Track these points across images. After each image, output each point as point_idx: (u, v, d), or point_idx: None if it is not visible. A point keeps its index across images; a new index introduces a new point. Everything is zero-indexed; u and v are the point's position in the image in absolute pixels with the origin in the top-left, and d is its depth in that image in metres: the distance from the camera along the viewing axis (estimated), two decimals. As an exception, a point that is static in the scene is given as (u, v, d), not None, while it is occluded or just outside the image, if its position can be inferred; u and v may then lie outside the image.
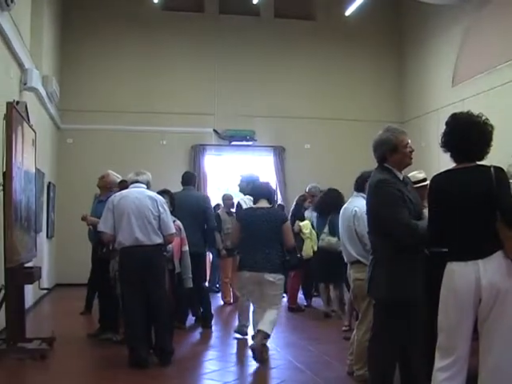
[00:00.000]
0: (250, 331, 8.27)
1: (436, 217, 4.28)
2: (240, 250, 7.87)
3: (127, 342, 6.97)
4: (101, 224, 7.12)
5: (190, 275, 8.03)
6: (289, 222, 8.12)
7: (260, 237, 7.33)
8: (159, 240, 6.97)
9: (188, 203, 8.95)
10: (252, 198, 8.43)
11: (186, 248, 8.35)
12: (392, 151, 4.82)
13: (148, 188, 7.31)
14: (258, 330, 7.18)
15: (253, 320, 7.88)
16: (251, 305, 8.04)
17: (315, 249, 10.80)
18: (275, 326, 7.50)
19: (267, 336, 7.18)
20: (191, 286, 8.03)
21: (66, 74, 15.52)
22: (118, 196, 7.11)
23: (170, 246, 7.55)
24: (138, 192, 7.10)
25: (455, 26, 14.47)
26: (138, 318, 6.84)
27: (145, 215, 6.87)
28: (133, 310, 6.85)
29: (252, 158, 17.08)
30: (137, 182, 7.26)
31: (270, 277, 7.23)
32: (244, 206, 9.13)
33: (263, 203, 7.65)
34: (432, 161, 12.15)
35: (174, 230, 7.26)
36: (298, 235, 10.84)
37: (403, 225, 4.53)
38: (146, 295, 6.85)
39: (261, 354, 7.02)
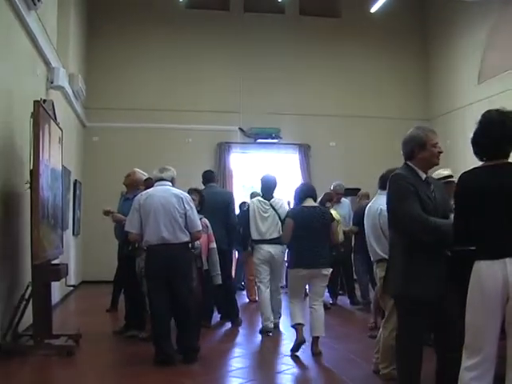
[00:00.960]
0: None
1: (463, 215, 4.23)
2: (293, 247, 7.81)
3: (153, 338, 6.97)
4: (127, 223, 7.14)
5: (219, 272, 8.01)
6: (335, 220, 8.33)
7: (314, 234, 7.49)
8: (186, 238, 6.96)
9: (214, 200, 8.92)
10: (262, 199, 9.14)
11: (214, 245, 8.36)
12: (420, 147, 4.79)
13: (173, 184, 7.30)
14: (316, 337, 7.52)
15: (297, 310, 7.73)
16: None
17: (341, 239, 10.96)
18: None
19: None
20: (220, 282, 8.02)
21: (91, 72, 15.61)
22: (144, 195, 7.11)
23: (198, 242, 7.54)
24: (163, 190, 7.09)
25: (481, 23, 14.34)
26: (165, 315, 6.86)
27: (171, 213, 6.87)
28: (159, 308, 6.85)
29: (277, 156, 17.06)
30: (161, 179, 7.25)
31: (325, 271, 7.51)
32: (253, 207, 9.27)
33: (310, 202, 7.83)
34: (458, 159, 12.05)
35: (201, 227, 7.23)
36: None
37: (412, 217, 4.51)
38: (173, 293, 6.84)
39: (319, 356, 7.38)
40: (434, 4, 16.81)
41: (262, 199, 9.28)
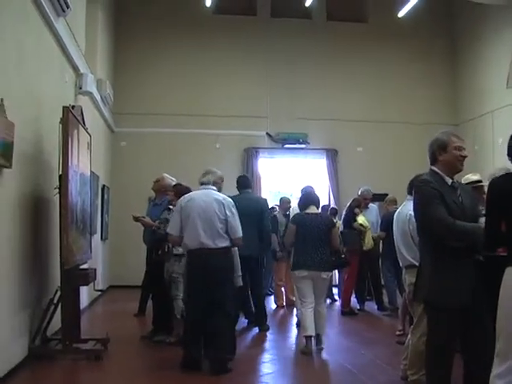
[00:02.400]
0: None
1: (496, 220, 4.18)
2: (296, 251, 8.13)
3: (183, 342, 6.95)
4: (170, 226, 7.11)
5: (240, 273, 7.99)
6: (336, 227, 8.62)
7: (313, 239, 7.94)
8: (225, 243, 6.90)
9: (248, 207, 8.81)
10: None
11: (235, 248, 8.20)
12: (441, 150, 4.77)
13: (217, 187, 7.28)
14: (318, 335, 7.85)
15: (308, 321, 7.87)
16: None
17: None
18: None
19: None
20: (241, 284, 8.00)
21: (119, 78, 15.70)
22: (186, 198, 7.08)
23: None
24: (205, 194, 7.06)
25: (509, 27, 14.20)
26: (199, 320, 6.79)
27: (210, 218, 6.83)
28: (195, 312, 6.82)
29: (305, 161, 17.04)
30: (203, 183, 7.24)
31: (324, 274, 7.93)
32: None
33: (313, 209, 8.29)
34: (486, 164, 11.98)
35: (241, 234, 7.12)
36: (356, 231, 11.17)
37: (438, 221, 4.48)
38: (210, 298, 6.77)
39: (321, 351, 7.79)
40: (461, 8, 16.67)
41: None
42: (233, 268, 7.14)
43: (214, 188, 7.21)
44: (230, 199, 7.18)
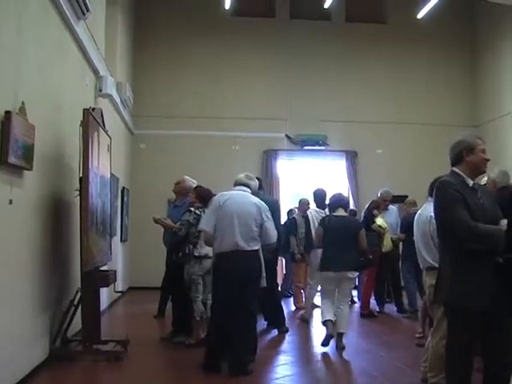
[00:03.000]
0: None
1: None
2: (324, 252, 8.40)
3: (208, 343, 6.92)
4: (203, 222, 7.03)
5: (264, 274, 7.98)
6: (363, 229, 8.67)
7: (340, 241, 8.14)
8: (257, 246, 6.90)
9: None
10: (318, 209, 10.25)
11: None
12: (469, 151, 4.77)
13: (252, 193, 7.23)
14: (340, 333, 8.04)
15: (327, 308, 8.30)
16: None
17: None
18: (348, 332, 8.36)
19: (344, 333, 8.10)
20: (265, 285, 8.00)
21: (139, 80, 15.77)
22: (223, 196, 6.99)
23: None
24: (242, 196, 7.02)
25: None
26: (226, 322, 6.75)
27: (248, 222, 6.80)
28: (223, 314, 6.76)
29: (324, 163, 17.00)
30: (244, 184, 7.18)
31: (350, 274, 8.14)
32: (311, 217, 10.40)
33: (341, 212, 8.52)
34: (506, 166, 11.87)
35: (276, 239, 7.14)
36: (374, 233, 11.11)
37: (460, 224, 4.47)
38: (238, 300, 6.72)
39: (342, 351, 7.91)
40: (481, 8, 16.58)
41: (317, 209, 10.54)
42: (261, 270, 7.11)
43: (249, 190, 7.18)
44: (265, 204, 7.17)
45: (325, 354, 8.00)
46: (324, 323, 8.29)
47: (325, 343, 8.18)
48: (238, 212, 6.80)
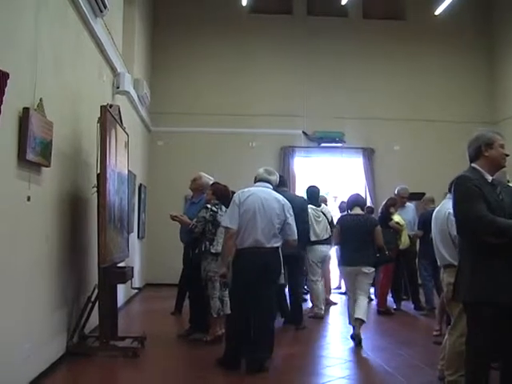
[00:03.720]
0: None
1: None
2: (341, 249, 8.92)
3: (228, 339, 6.89)
4: (226, 220, 6.89)
5: (283, 271, 7.93)
6: (379, 226, 9.02)
7: (357, 238, 8.55)
8: (278, 243, 6.88)
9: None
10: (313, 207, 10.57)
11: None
12: (487, 146, 4.77)
13: (274, 189, 7.20)
14: (357, 319, 8.36)
15: (349, 309, 8.79)
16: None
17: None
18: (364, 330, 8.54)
19: (363, 322, 8.40)
20: (283, 282, 7.97)
21: (156, 78, 15.82)
22: (245, 192, 6.94)
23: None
24: (265, 192, 6.98)
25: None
26: (245, 319, 6.74)
27: (270, 218, 6.77)
28: (242, 310, 6.76)
29: (341, 160, 16.96)
30: (266, 180, 7.16)
31: (365, 269, 8.50)
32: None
33: (357, 210, 8.95)
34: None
35: (296, 236, 7.08)
36: (391, 230, 11.09)
37: (478, 218, 4.46)
38: (257, 296, 6.71)
39: (359, 337, 8.32)
40: (500, 4, 16.50)
41: (313, 207, 10.76)
42: (281, 268, 7.10)
43: (270, 186, 7.15)
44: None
45: (340, 352, 7.98)
46: (351, 324, 8.65)
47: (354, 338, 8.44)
48: (260, 208, 6.78)
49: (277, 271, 6.98)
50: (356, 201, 9.12)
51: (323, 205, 11.42)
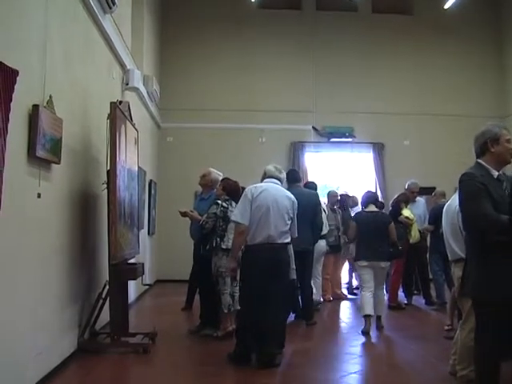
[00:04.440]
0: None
1: None
2: (358, 244, 9.32)
3: (239, 335, 6.89)
4: (238, 215, 6.82)
5: (294, 266, 7.89)
6: (392, 223, 9.50)
7: (372, 234, 9.00)
8: (288, 239, 6.91)
9: (300, 201, 8.73)
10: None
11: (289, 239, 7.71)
12: (494, 141, 4.76)
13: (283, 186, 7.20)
14: (379, 316, 9.09)
15: (366, 302, 8.92)
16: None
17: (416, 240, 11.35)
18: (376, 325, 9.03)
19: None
20: (295, 277, 7.94)
21: (165, 74, 15.83)
22: (258, 188, 6.90)
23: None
24: (276, 189, 6.97)
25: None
26: (256, 314, 6.72)
27: (282, 214, 6.79)
28: (253, 306, 6.74)
29: (351, 155, 16.92)
30: (276, 177, 7.12)
31: (382, 264, 9.03)
32: None
33: (372, 208, 9.40)
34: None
35: (296, 235, 7.13)
36: (402, 225, 11.10)
37: (483, 216, 4.44)
38: (267, 292, 6.69)
39: (382, 329, 9.03)
40: (508, 0, 16.44)
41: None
42: (290, 264, 7.09)
43: (279, 182, 7.14)
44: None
45: (352, 347, 7.98)
46: (364, 317, 8.88)
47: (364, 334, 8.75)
48: (274, 204, 6.78)
49: (286, 267, 7.00)
50: (370, 198, 9.56)
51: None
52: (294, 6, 17.06)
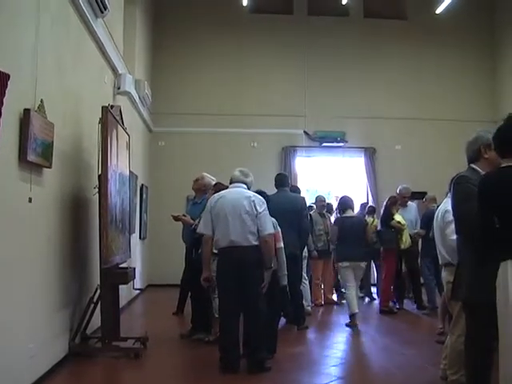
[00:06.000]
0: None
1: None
2: (338, 246, 10.08)
3: (219, 343, 6.87)
4: (201, 226, 7.03)
5: (286, 272, 7.90)
6: (369, 225, 10.70)
7: (352, 236, 9.69)
8: (256, 241, 6.82)
9: (285, 205, 8.75)
10: None
11: (281, 244, 7.65)
12: (486, 147, 4.82)
13: (248, 189, 7.18)
14: (356, 313, 9.54)
15: (351, 300, 9.62)
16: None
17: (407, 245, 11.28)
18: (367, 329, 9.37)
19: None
20: (286, 283, 7.94)
21: (157, 78, 15.83)
22: (216, 197, 7.02)
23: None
24: (236, 192, 7.00)
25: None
26: (234, 321, 6.73)
27: (240, 216, 6.75)
28: (228, 313, 6.74)
29: (342, 160, 16.99)
30: (238, 181, 7.15)
31: (362, 264, 9.84)
32: None
33: (350, 212, 10.17)
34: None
35: (272, 230, 7.03)
36: (394, 230, 11.17)
37: (475, 217, 4.42)
38: (242, 296, 6.71)
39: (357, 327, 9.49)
40: (501, 4, 16.50)
41: None
42: (261, 266, 7.01)
43: (245, 186, 7.13)
44: (260, 196, 7.12)
45: (342, 352, 7.99)
46: (351, 316, 9.56)
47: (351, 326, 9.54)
48: (230, 208, 6.79)
49: (257, 268, 6.85)
50: (346, 204, 10.24)
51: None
52: (286, 10, 17.11)
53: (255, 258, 6.82)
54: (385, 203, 11.64)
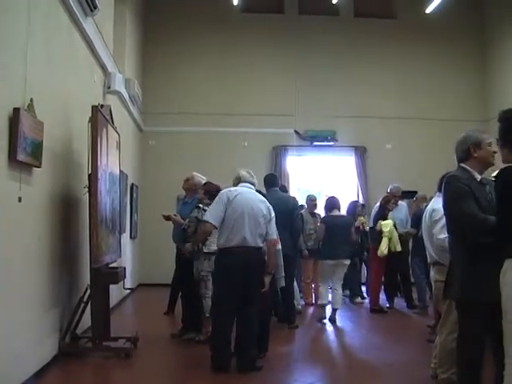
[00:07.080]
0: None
1: None
2: (325, 244, 10.25)
3: (211, 342, 6.86)
4: (209, 215, 6.82)
5: (283, 274, 7.89)
6: (354, 225, 11.00)
7: (338, 235, 9.98)
8: (263, 244, 6.89)
9: (278, 205, 8.75)
10: None
11: (279, 247, 7.70)
12: (476, 146, 4.84)
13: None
14: (335, 309, 10.15)
15: (323, 293, 10.33)
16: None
17: (398, 249, 11.02)
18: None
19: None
20: (284, 285, 7.93)
21: (147, 77, 15.79)
22: (233, 191, 6.89)
23: None
24: (250, 193, 6.97)
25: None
26: (228, 320, 6.72)
27: (257, 218, 6.76)
28: (224, 312, 6.71)
29: (333, 159, 17.02)
30: (249, 182, 7.11)
31: (346, 261, 10.17)
32: None
33: (336, 212, 10.40)
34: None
35: (276, 235, 7.12)
36: (380, 234, 11.05)
37: (470, 217, 4.47)
38: (243, 297, 6.68)
39: (335, 321, 10.05)
40: (490, 3, 16.54)
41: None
42: (264, 267, 7.01)
43: (253, 187, 7.13)
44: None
45: (333, 351, 7.99)
46: (322, 306, 10.29)
47: (319, 321, 10.18)
48: (248, 208, 6.76)
49: (261, 270, 6.87)
50: (333, 204, 10.42)
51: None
52: (277, 9, 17.11)
53: (261, 260, 6.89)
54: (379, 203, 11.62)
